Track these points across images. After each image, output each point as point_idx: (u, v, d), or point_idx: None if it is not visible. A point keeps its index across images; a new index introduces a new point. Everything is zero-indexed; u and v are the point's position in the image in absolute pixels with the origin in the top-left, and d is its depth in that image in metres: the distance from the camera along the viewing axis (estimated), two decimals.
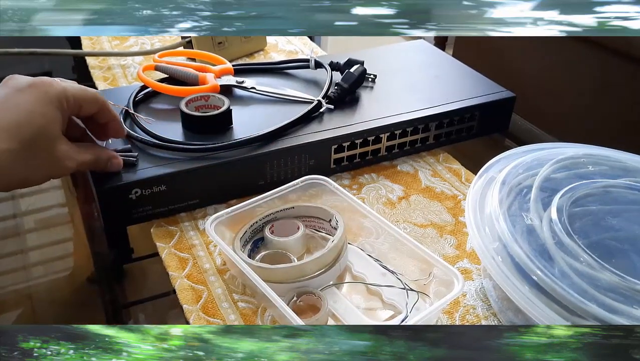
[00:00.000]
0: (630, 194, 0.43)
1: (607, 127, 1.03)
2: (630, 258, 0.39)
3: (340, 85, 0.59)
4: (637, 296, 0.34)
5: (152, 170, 0.48)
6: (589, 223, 0.41)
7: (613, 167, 0.46)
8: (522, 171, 0.45)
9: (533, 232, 0.39)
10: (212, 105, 0.55)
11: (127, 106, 0.55)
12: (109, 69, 0.75)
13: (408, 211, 0.52)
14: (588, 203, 0.42)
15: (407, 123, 0.57)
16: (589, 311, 0.34)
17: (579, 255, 0.37)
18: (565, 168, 0.45)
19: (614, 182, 0.44)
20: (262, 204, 0.47)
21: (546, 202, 0.41)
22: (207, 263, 0.46)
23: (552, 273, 0.36)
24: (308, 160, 0.54)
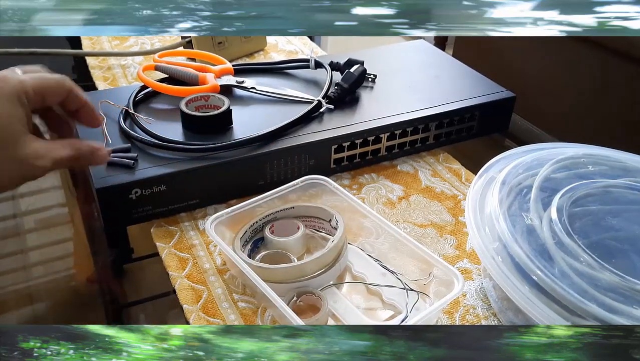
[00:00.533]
0: (630, 194, 0.43)
1: (607, 127, 1.03)
2: (630, 258, 0.39)
3: (340, 85, 0.59)
4: (637, 296, 0.34)
5: (152, 170, 0.48)
6: (589, 223, 0.41)
7: (613, 167, 0.46)
8: (522, 171, 0.45)
9: (533, 232, 0.39)
10: (212, 105, 0.55)
11: (127, 106, 0.55)
12: (109, 69, 0.75)
13: (408, 211, 0.52)
14: (588, 203, 0.42)
15: (407, 123, 0.57)
16: (589, 311, 0.34)
17: (579, 255, 0.37)
18: (565, 168, 0.45)
19: (614, 182, 0.44)
20: (262, 204, 0.47)
21: (546, 202, 0.41)
22: (207, 263, 0.46)
23: (552, 273, 0.36)
24: (308, 160, 0.54)
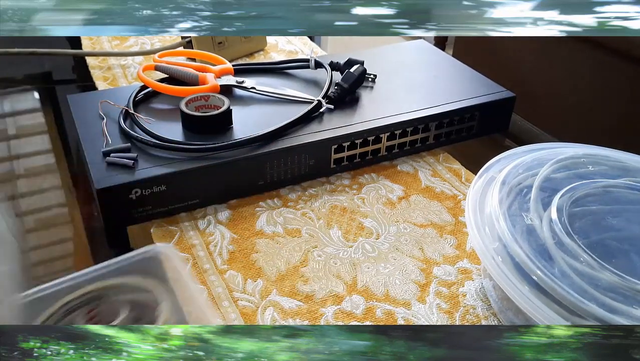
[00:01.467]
0: (630, 194, 0.43)
1: (607, 127, 1.03)
2: (630, 258, 0.39)
3: (340, 85, 0.59)
4: (637, 296, 0.34)
5: (152, 170, 0.48)
6: (589, 223, 0.41)
7: (613, 167, 0.46)
8: (522, 171, 0.45)
9: (533, 232, 0.39)
10: (212, 105, 0.55)
11: (127, 106, 0.55)
12: (109, 69, 0.75)
13: (408, 211, 0.52)
14: (588, 203, 0.42)
15: (407, 123, 0.57)
16: (589, 311, 0.34)
17: (579, 255, 0.37)
18: (566, 168, 0.45)
19: (614, 182, 0.44)
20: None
21: (546, 202, 0.41)
22: (207, 263, 0.46)
23: (552, 273, 0.36)
24: (308, 160, 0.54)
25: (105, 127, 0.52)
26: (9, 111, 0.69)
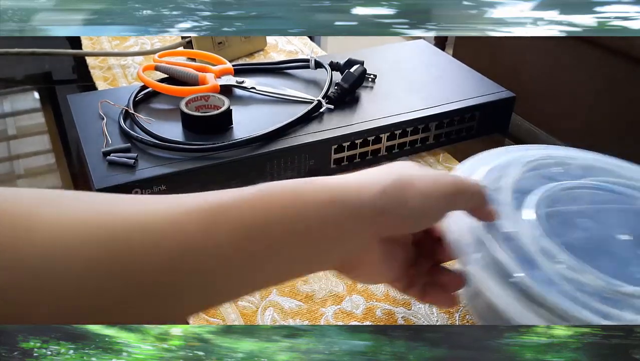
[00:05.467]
0: (600, 194, 0.43)
1: (607, 127, 1.03)
2: (606, 258, 0.39)
3: (340, 85, 0.59)
4: (616, 297, 0.34)
5: (152, 170, 0.48)
6: (564, 224, 0.40)
7: (579, 167, 0.45)
8: (495, 176, 0.43)
9: (511, 238, 0.38)
10: (212, 105, 0.55)
11: (127, 106, 0.55)
12: (109, 69, 0.75)
13: None
14: (560, 205, 0.42)
15: (407, 123, 0.57)
16: (581, 318, 0.33)
17: (559, 258, 0.36)
18: (534, 170, 0.44)
19: (581, 182, 0.43)
20: None
21: (519, 205, 0.40)
22: None
23: (534, 276, 0.34)
24: (308, 160, 0.54)
25: (105, 127, 0.52)
26: (9, 111, 0.69)
